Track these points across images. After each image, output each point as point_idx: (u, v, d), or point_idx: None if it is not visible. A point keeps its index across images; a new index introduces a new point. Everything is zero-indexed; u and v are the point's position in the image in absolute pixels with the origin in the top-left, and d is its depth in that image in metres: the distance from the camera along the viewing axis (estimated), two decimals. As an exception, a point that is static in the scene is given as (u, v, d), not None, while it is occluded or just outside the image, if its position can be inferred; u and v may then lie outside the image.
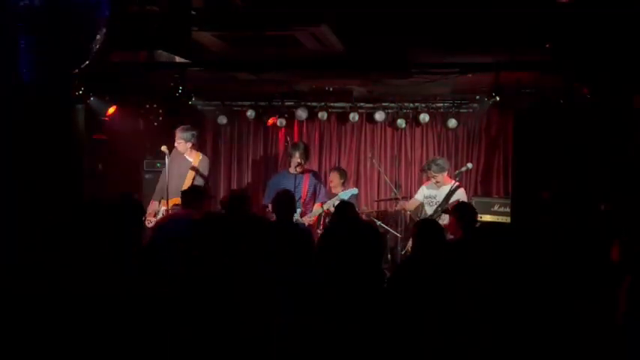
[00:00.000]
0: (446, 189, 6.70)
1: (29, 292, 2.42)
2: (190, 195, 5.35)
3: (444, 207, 6.51)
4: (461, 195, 6.70)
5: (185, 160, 6.72)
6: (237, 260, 3.07)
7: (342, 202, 5.48)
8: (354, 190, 6.94)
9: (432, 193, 6.94)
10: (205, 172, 6.73)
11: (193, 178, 6.60)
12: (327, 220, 6.64)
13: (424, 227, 4.18)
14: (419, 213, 7.32)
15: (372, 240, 2.95)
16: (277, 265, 3.24)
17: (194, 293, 2.49)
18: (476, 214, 5.16)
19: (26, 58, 2.35)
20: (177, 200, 6.12)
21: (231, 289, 2.60)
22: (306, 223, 6.54)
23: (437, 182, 6.85)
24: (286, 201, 5.01)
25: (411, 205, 7.27)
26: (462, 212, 5.01)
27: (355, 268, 2.29)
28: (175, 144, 6.73)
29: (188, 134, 6.69)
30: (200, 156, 6.81)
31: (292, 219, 5.16)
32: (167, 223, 5.16)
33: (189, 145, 6.72)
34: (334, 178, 7.50)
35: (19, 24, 2.26)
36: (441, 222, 5.95)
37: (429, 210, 6.88)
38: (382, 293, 2.94)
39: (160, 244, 4.61)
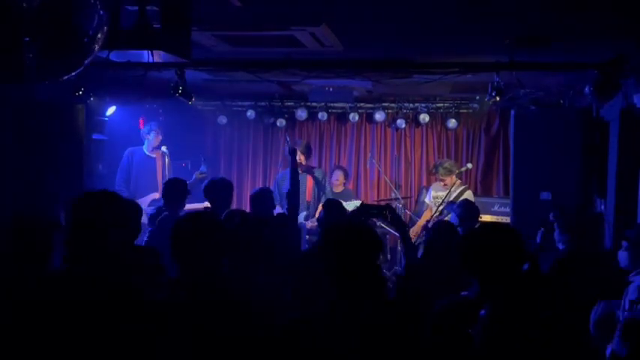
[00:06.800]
0: (452, 190, 6.82)
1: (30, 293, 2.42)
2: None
3: (447, 206, 6.56)
4: (469, 197, 6.75)
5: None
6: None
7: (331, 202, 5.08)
8: (358, 203, 6.89)
9: (439, 194, 7.02)
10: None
11: None
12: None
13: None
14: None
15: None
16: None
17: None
18: (476, 213, 5.17)
19: (27, 59, 2.35)
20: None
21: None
22: (308, 227, 6.49)
23: (444, 185, 6.94)
24: (262, 196, 4.87)
25: (426, 215, 7.20)
26: (461, 210, 5.07)
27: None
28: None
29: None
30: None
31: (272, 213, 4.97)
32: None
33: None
34: (339, 177, 7.54)
35: (20, 24, 2.27)
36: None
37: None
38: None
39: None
